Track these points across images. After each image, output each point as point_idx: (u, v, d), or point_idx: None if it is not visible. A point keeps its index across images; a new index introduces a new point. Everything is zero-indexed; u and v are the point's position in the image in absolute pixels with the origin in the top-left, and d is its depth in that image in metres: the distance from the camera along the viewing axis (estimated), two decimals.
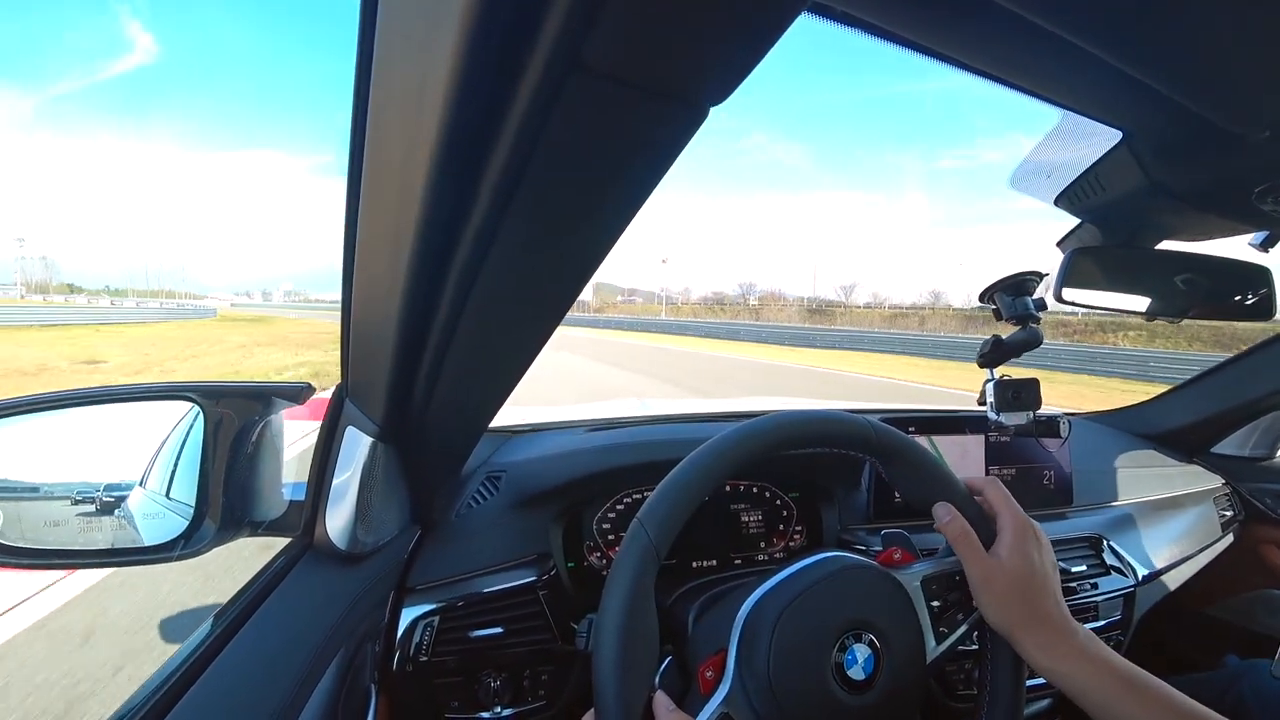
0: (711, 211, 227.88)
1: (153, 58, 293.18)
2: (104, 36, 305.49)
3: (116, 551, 0.68)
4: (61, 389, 0.65)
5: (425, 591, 0.85)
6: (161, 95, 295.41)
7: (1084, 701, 0.59)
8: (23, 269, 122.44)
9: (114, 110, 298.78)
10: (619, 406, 1.50)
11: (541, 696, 0.90)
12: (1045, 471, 1.26)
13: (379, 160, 0.41)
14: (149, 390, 0.70)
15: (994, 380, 1.11)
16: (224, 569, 2.72)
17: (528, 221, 0.42)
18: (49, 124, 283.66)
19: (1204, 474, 1.50)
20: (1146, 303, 0.97)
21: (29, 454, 0.65)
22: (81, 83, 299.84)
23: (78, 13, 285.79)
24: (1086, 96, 0.65)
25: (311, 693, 0.59)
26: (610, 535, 1.03)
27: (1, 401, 0.62)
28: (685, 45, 0.31)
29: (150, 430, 0.71)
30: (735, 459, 0.62)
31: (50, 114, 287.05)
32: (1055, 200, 0.91)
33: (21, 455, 0.65)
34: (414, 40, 0.32)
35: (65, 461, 0.66)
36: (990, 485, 0.68)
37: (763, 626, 0.59)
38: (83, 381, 10.66)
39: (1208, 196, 0.80)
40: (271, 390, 0.72)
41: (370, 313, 0.56)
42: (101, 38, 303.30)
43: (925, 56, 0.56)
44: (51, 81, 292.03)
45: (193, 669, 0.57)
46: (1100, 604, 1.12)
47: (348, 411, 0.72)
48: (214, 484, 0.68)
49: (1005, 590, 0.62)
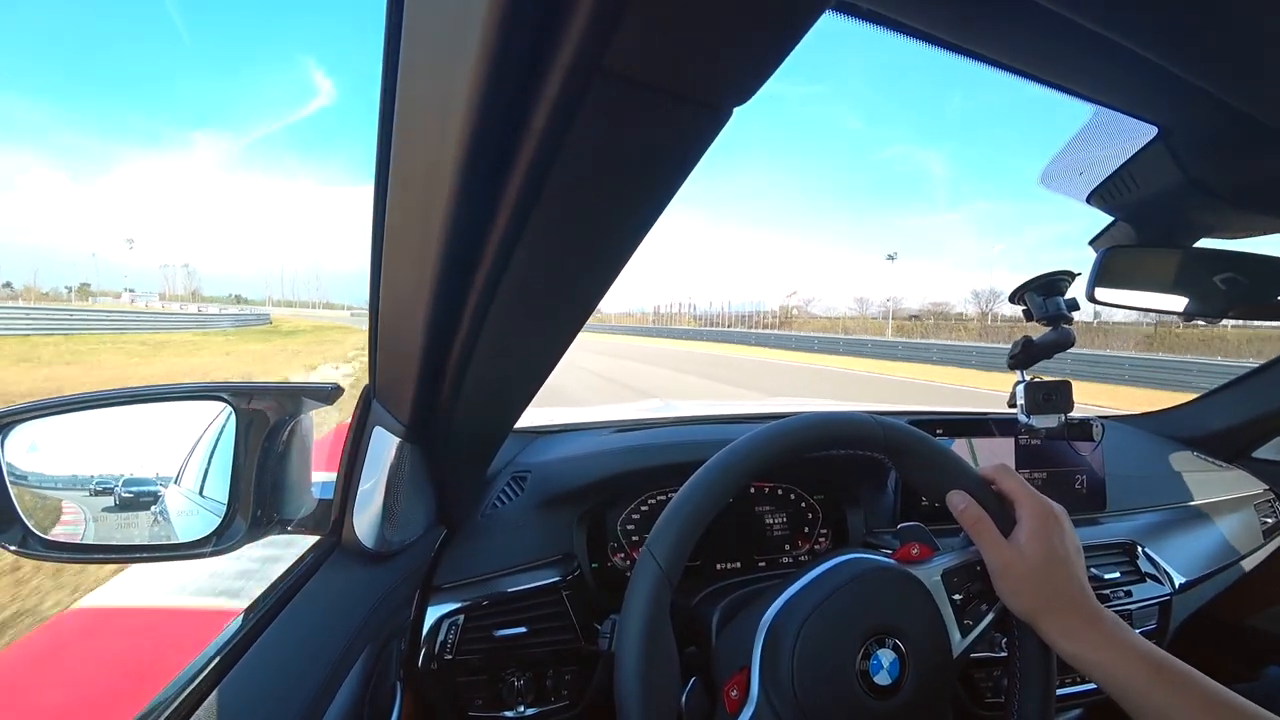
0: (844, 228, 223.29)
1: (332, 100, 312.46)
2: (295, 85, 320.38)
3: (151, 547, 0.70)
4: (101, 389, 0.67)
5: (451, 590, 0.86)
6: (341, 131, 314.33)
7: (1112, 689, 0.57)
8: (166, 277, 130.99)
9: (303, 147, 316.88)
10: (645, 407, 1.50)
11: (564, 696, 0.90)
12: (1077, 475, 1.23)
13: (404, 164, 0.41)
14: (183, 390, 0.72)
15: (1024, 382, 1.09)
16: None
17: (551, 225, 0.42)
18: (251, 163, 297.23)
19: (1245, 479, 1.45)
20: (1184, 303, 0.95)
21: (68, 451, 0.67)
22: (277, 125, 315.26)
23: (275, 66, 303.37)
24: (1121, 92, 0.63)
25: (338, 689, 0.60)
26: (634, 536, 1.03)
27: (41, 401, 0.64)
28: (708, 47, 0.31)
29: (184, 429, 0.73)
30: (743, 471, 0.61)
31: (251, 154, 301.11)
32: (1088, 198, 0.89)
33: (60, 452, 0.67)
34: (438, 49, 0.32)
35: (103, 459, 0.68)
36: (1002, 472, 0.67)
37: (785, 640, 0.59)
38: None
39: (1247, 193, 0.78)
40: (302, 390, 0.73)
41: (397, 315, 0.57)
42: (293, 86, 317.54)
43: (954, 54, 0.55)
44: (253, 126, 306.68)
45: (223, 664, 0.58)
46: (1135, 612, 1.09)
47: (375, 412, 0.73)
48: (245, 483, 0.69)
49: (1025, 577, 0.61)
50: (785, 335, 49.13)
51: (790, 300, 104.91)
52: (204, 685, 0.55)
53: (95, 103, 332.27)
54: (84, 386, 4.91)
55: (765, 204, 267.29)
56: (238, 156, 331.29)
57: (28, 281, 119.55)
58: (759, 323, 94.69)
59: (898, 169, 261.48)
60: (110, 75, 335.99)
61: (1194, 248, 0.92)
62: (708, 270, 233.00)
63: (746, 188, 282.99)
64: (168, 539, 0.70)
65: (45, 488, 0.66)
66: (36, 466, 0.65)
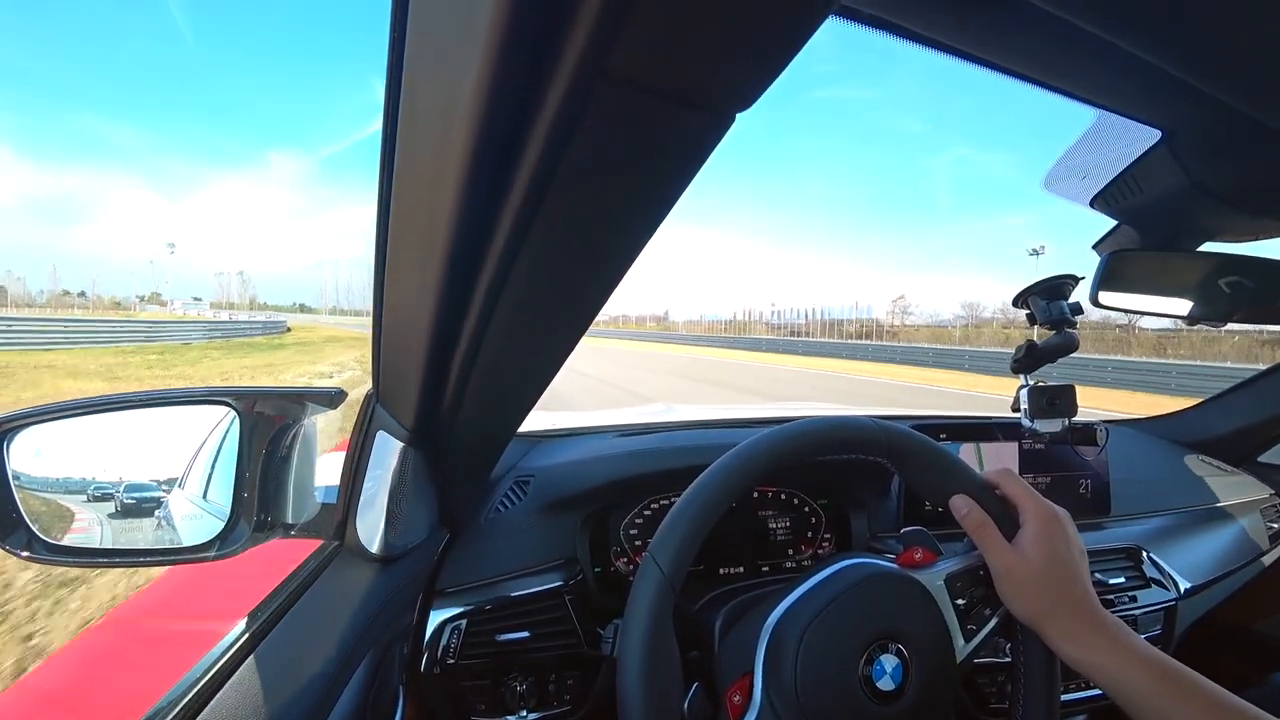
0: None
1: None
2: (361, 104, 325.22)
3: (155, 551, 0.70)
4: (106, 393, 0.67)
5: (454, 595, 0.86)
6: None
7: (1117, 694, 0.57)
8: (221, 285, 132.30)
9: (366, 164, 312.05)
10: (648, 411, 1.50)
11: (567, 700, 0.90)
12: (1082, 480, 1.23)
13: (408, 169, 0.42)
14: (187, 395, 0.72)
15: (1028, 386, 1.09)
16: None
17: (555, 229, 0.42)
18: (322, 179, 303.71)
19: (1251, 483, 1.45)
20: (1188, 306, 0.94)
21: (72, 456, 0.67)
22: (344, 144, 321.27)
23: (345, 85, 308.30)
24: (1124, 96, 0.63)
25: (341, 693, 0.60)
26: (638, 541, 1.03)
27: (45, 405, 0.64)
28: (711, 52, 0.31)
29: (189, 434, 0.73)
30: (746, 476, 0.61)
31: (321, 170, 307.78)
32: (1092, 202, 0.89)
33: (65, 457, 0.67)
34: (442, 54, 0.33)
35: (106, 464, 0.68)
36: (1006, 477, 0.67)
37: (787, 646, 0.59)
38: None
39: (1251, 196, 0.78)
40: (305, 395, 0.73)
41: (401, 319, 0.57)
42: (359, 105, 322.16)
43: (957, 58, 0.55)
44: (324, 145, 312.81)
45: (226, 667, 0.58)
46: (1139, 618, 1.09)
47: (378, 416, 0.73)
48: (248, 487, 0.69)
49: (1029, 581, 0.60)
50: (886, 347, 39.45)
51: (895, 304, 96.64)
52: (207, 689, 0.55)
53: (187, 128, 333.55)
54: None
55: (832, 209, 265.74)
56: (307, 174, 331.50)
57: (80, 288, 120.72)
58: (845, 332, 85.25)
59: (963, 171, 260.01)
60: (202, 103, 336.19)
61: (1198, 251, 0.92)
62: (787, 277, 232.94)
63: (814, 195, 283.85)
64: (171, 543, 0.70)
65: (50, 492, 0.67)
66: (41, 471, 0.65)
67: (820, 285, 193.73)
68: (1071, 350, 1.03)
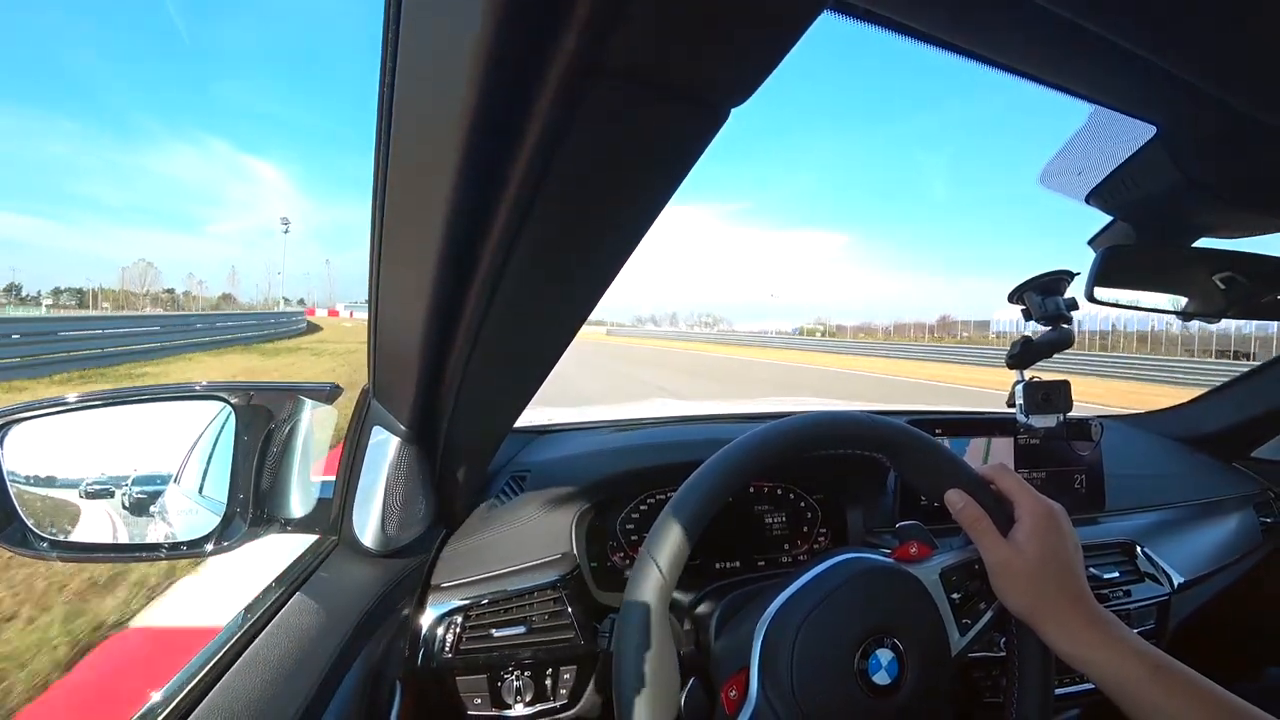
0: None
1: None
2: (354, 97, 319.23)
3: (152, 546, 0.70)
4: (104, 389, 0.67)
5: (450, 590, 0.86)
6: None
7: (1110, 688, 0.57)
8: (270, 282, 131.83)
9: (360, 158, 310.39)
10: (645, 407, 1.50)
11: (564, 695, 0.90)
12: (1076, 475, 1.23)
13: (403, 164, 0.42)
14: (182, 391, 0.72)
15: (1023, 381, 1.09)
16: None
17: (549, 224, 0.42)
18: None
19: (1245, 478, 1.45)
20: (1182, 302, 0.95)
21: (67, 451, 0.67)
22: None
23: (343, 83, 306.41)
24: (1118, 91, 0.63)
25: (337, 688, 0.60)
26: (634, 535, 1.03)
27: (39, 400, 0.64)
28: (705, 47, 0.31)
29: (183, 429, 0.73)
30: (741, 471, 0.62)
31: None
32: (1086, 198, 0.89)
33: (60, 452, 0.67)
34: (436, 49, 0.32)
35: (102, 459, 0.68)
36: (1001, 472, 0.67)
37: (783, 640, 0.59)
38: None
39: (1246, 192, 0.78)
40: (300, 390, 0.73)
41: (397, 315, 0.57)
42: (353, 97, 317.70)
43: (951, 53, 0.55)
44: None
45: (222, 662, 0.58)
46: (1133, 612, 1.09)
47: (375, 412, 0.73)
48: (245, 482, 0.69)
49: (1024, 575, 0.61)
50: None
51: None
52: (203, 684, 0.56)
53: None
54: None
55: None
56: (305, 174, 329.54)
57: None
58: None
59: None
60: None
61: (1193, 247, 0.92)
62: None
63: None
64: (168, 538, 0.70)
65: (44, 487, 0.67)
66: (36, 466, 0.65)
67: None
68: (1067, 345, 1.03)
